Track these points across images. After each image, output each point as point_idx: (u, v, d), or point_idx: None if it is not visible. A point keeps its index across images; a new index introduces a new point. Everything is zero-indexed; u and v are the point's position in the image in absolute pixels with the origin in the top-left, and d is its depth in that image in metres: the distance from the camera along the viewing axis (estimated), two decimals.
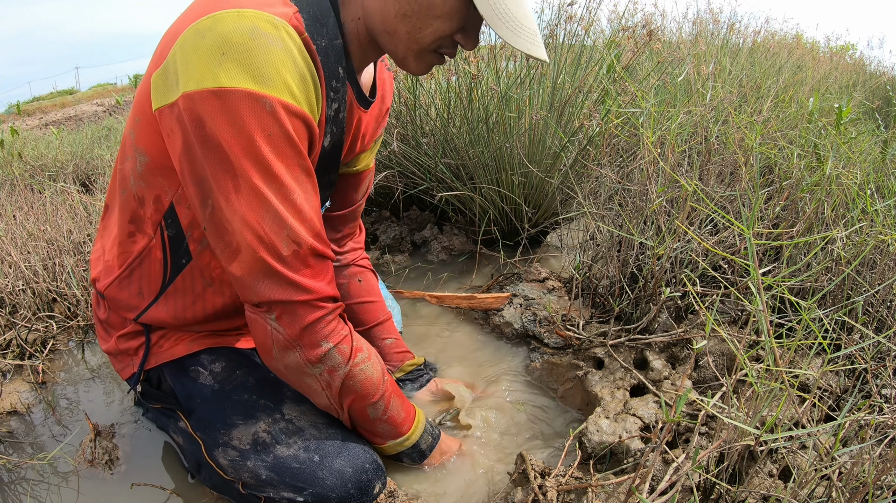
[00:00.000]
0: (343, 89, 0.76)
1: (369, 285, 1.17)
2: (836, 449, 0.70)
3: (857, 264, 1.09)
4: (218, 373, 0.89)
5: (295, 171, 0.68)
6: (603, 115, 1.54)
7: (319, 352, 0.74)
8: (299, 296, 0.71)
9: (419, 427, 0.92)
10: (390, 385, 0.86)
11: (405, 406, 0.90)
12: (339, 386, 0.78)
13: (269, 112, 0.63)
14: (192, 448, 0.88)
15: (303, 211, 0.70)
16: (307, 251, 0.70)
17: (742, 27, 3.16)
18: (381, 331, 1.17)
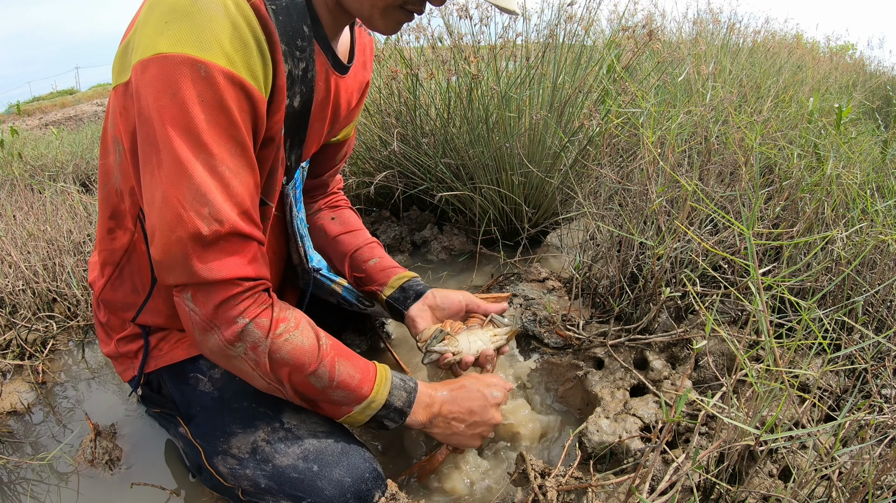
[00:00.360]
0: (310, 48, 0.73)
1: (344, 219, 1.13)
2: (836, 449, 0.70)
3: (857, 264, 1.09)
4: (217, 379, 0.88)
5: (226, 142, 0.64)
6: (603, 115, 1.54)
7: (236, 328, 0.68)
8: (213, 275, 0.66)
9: (384, 383, 0.82)
10: (332, 349, 0.77)
11: (360, 365, 0.80)
12: (266, 362, 0.71)
13: (204, 77, 0.60)
14: (192, 453, 0.88)
15: (230, 185, 0.65)
16: (229, 230, 0.65)
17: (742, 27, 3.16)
18: (363, 255, 1.08)
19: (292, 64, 0.71)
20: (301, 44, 0.71)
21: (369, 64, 0.97)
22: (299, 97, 0.75)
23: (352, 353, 0.82)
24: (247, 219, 0.68)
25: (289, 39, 0.69)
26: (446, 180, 1.74)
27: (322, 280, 1.10)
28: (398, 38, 2.00)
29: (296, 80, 0.73)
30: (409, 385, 0.85)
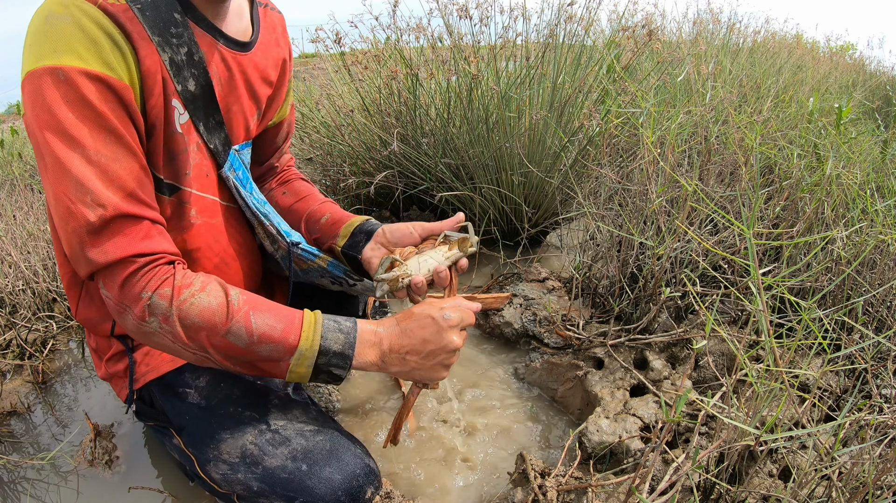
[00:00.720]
0: (187, 32, 0.77)
1: (295, 189, 1.12)
2: (836, 449, 0.70)
3: (857, 264, 1.09)
4: (202, 387, 0.89)
5: (97, 133, 0.67)
6: (603, 115, 1.54)
7: (142, 304, 0.69)
8: (108, 258, 0.68)
9: (313, 328, 0.76)
10: (246, 303, 0.74)
11: (282, 314, 0.75)
12: (180, 331, 0.71)
13: (63, 80, 0.65)
14: (187, 463, 0.88)
15: (108, 170, 0.68)
16: (113, 213, 0.67)
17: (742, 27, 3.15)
18: (315, 216, 1.07)
19: (171, 51, 0.75)
20: (175, 30, 0.75)
21: (283, 41, 0.98)
22: (193, 80, 0.78)
23: (273, 305, 0.76)
24: (132, 199, 0.70)
25: (161, 30, 0.73)
26: (446, 180, 1.74)
27: (304, 256, 1.07)
28: (398, 38, 2.00)
29: (182, 66, 0.76)
30: (346, 325, 0.78)
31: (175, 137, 0.78)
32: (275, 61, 0.95)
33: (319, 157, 2.18)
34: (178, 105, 0.77)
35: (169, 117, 0.76)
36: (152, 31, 0.72)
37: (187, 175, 0.81)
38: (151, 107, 0.73)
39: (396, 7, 1.85)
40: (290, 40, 1.02)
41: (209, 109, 0.83)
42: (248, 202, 0.94)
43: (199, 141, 0.82)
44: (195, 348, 0.73)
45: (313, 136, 2.23)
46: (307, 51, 2.35)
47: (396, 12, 1.87)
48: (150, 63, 0.71)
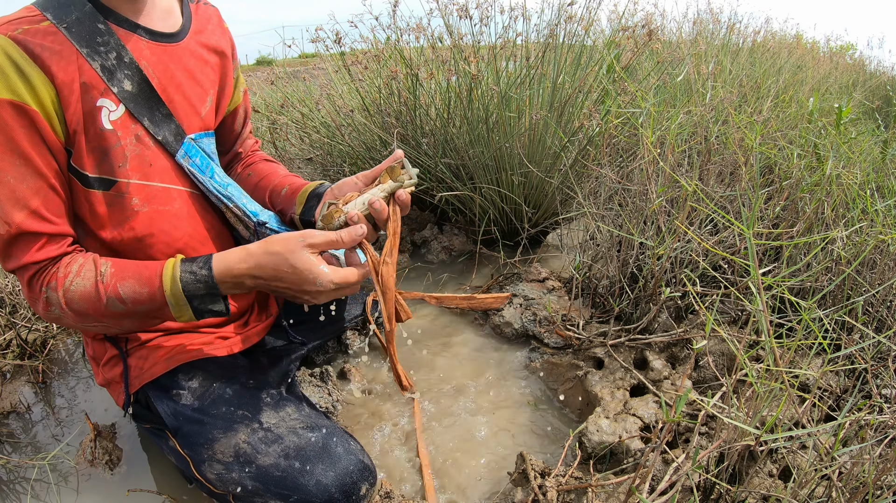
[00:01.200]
0: (112, 39, 0.82)
1: (258, 170, 1.15)
2: (836, 449, 0.70)
3: (857, 264, 1.09)
4: (195, 388, 0.90)
5: (9, 156, 0.75)
6: (603, 115, 1.54)
7: (42, 297, 0.80)
8: (12, 265, 0.79)
9: (171, 281, 0.80)
10: (113, 276, 0.80)
11: (144, 277, 0.80)
12: (71, 314, 0.80)
13: None
14: (183, 465, 0.89)
15: (15, 191, 0.76)
16: (16, 230, 0.77)
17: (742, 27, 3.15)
18: (277, 190, 1.09)
19: (101, 58, 0.81)
20: (101, 39, 0.81)
21: (220, 31, 1.02)
22: (128, 80, 0.84)
23: (136, 269, 0.81)
24: (34, 217, 0.78)
25: (87, 42, 0.80)
26: (446, 180, 1.74)
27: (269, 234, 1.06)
28: (398, 38, 2.00)
29: (114, 69, 0.82)
30: (200, 273, 0.82)
31: (104, 135, 0.82)
32: (213, 48, 0.99)
33: (319, 157, 2.18)
34: (109, 103, 0.82)
35: (94, 119, 0.81)
36: (80, 44, 0.79)
37: (122, 167, 0.85)
38: (71, 114, 0.79)
39: (396, 7, 1.85)
40: (229, 31, 1.07)
41: (152, 104, 0.87)
42: (209, 187, 0.95)
43: (143, 133, 0.86)
44: (92, 322, 0.82)
45: (313, 136, 2.23)
46: (307, 51, 2.35)
47: (396, 12, 1.87)
48: (63, 76, 0.77)
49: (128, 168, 0.85)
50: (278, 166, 1.18)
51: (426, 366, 1.31)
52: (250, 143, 1.21)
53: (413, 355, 1.35)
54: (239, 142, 1.17)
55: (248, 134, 1.20)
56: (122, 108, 0.83)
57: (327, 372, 1.22)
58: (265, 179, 1.13)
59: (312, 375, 1.22)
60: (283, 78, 2.77)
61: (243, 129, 1.17)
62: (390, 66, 1.91)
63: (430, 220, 2.02)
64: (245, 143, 1.19)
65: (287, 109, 2.39)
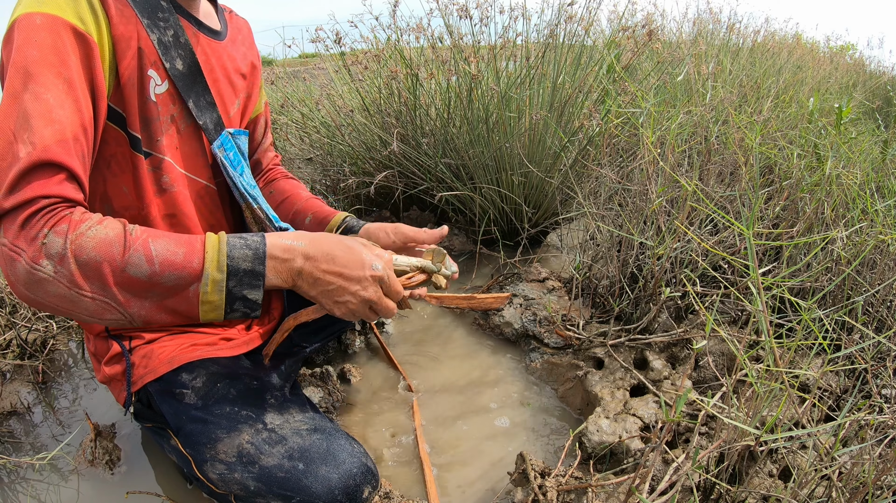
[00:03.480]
0: (171, 18, 0.83)
1: (280, 189, 1.14)
2: (836, 449, 0.70)
3: (857, 264, 1.09)
4: (199, 388, 0.89)
5: (54, 77, 0.69)
6: (603, 115, 1.54)
7: (37, 244, 0.64)
8: (18, 199, 0.64)
9: (217, 247, 0.71)
10: (145, 232, 0.69)
11: (183, 240, 0.70)
12: (75, 269, 0.64)
13: (39, 24, 0.69)
14: (184, 464, 0.88)
15: (52, 110, 0.68)
16: (41, 153, 0.65)
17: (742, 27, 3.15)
18: (300, 216, 1.07)
19: (160, 32, 0.81)
20: (162, 14, 0.82)
21: (248, 43, 1.05)
22: (180, 60, 0.84)
23: (174, 234, 0.71)
24: (63, 145, 0.68)
25: (150, 14, 0.80)
26: (446, 180, 1.74)
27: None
28: (398, 38, 2.00)
29: (169, 46, 0.83)
30: (253, 240, 0.73)
31: (148, 105, 0.82)
32: (244, 57, 1.01)
33: (319, 157, 2.18)
34: (156, 76, 0.81)
35: (143, 84, 0.80)
36: (142, 13, 0.79)
37: (159, 142, 0.84)
38: (125, 67, 0.77)
39: (396, 7, 1.85)
40: (253, 39, 1.09)
41: (199, 88, 0.88)
42: (237, 182, 0.96)
43: (181, 114, 0.86)
44: (95, 290, 0.66)
45: (313, 136, 2.23)
46: (307, 51, 2.35)
47: (396, 12, 1.87)
48: (123, 29, 0.76)
49: (163, 144, 0.85)
50: (299, 186, 1.17)
51: (426, 365, 1.31)
52: (271, 155, 1.21)
53: (413, 355, 1.35)
54: (259, 151, 1.18)
55: (269, 146, 1.20)
56: (166, 85, 0.84)
57: (327, 372, 1.22)
58: (287, 201, 1.12)
59: (313, 375, 1.22)
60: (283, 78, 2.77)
61: (264, 139, 1.18)
62: (390, 66, 1.91)
63: (430, 220, 2.02)
64: (266, 155, 1.20)
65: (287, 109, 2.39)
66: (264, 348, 0.97)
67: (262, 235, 0.74)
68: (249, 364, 1.00)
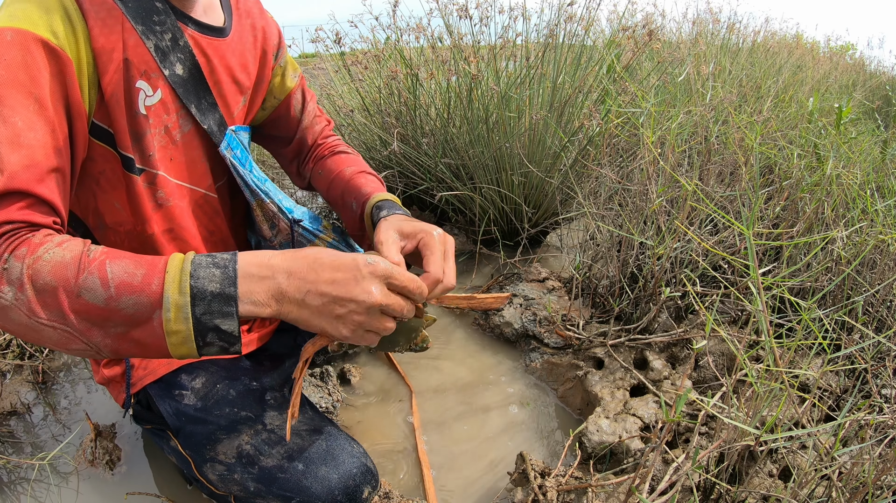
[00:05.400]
0: (168, 20, 0.78)
1: (326, 171, 1.04)
2: (836, 449, 0.70)
3: (857, 264, 1.09)
4: (198, 389, 0.89)
5: (23, 97, 0.64)
6: (603, 115, 1.54)
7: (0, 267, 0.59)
8: None
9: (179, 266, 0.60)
10: (104, 253, 0.61)
11: (144, 261, 0.61)
12: (32, 296, 0.58)
13: (10, 41, 0.65)
14: (184, 465, 0.88)
15: (20, 136, 0.63)
16: (7, 181, 0.61)
17: (742, 27, 3.15)
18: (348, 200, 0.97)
19: (156, 38, 0.77)
20: (158, 18, 0.77)
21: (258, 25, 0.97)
22: (180, 64, 0.80)
23: (138, 256, 0.62)
24: (32, 173, 0.63)
25: (143, 19, 0.75)
26: (446, 180, 1.74)
27: (306, 235, 1.03)
28: (398, 38, 2.00)
29: (167, 51, 0.78)
30: (222, 258, 0.62)
31: (138, 119, 0.77)
32: (253, 45, 0.95)
33: None
34: (146, 86, 0.76)
35: (131, 98, 0.75)
36: (135, 19, 0.74)
37: (152, 156, 0.80)
38: (108, 82, 0.73)
39: (396, 7, 1.85)
40: (270, 20, 1.00)
41: (199, 91, 0.84)
42: (248, 180, 0.93)
43: (176, 123, 0.82)
44: (52, 318, 0.59)
45: None
46: (307, 51, 2.35)
47: (396, 12, 1.87)
48: (104, 41, 0.71)
49: (156, 159, 0.81)
50: (345, 161, 1.04)
51: (426, 365, 1.31)
52: (318, 128, 1.11)
53: (413, 355, 1.35)
54: (301, 129, 1.08)
55: (314, 119, 1.10)
56: (159, 94, 0.79)
57: (327, 372, 1.22)
58: (332, 184, 1.01)
59: (312, 375, 1.22)
60: None
61: (303, 115, 1.07)
62: (390, 66, 1.91)
63: (429, 220, 2.03)
64: (311, 131, 1.09)
65: None
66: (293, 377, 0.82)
67: (234, 253, 0.63)
68: (249, 364, 1.00)
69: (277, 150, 1.12)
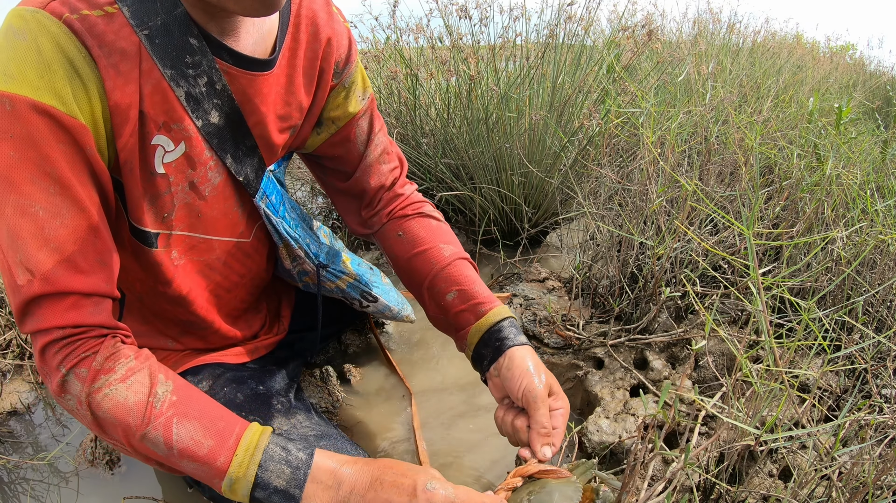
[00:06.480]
0: (205, 61, 0.65)
1: (412, 234, 0.89)
2: (836, 449, 0.70)
3: (857, 264, 1.09)
4: (205, 392, 0.87)
5: (40, 178, 0.56)
6: (603, 115, 1.54)
7: (57, 378, 0.60)
8: (28, 328, 0.60)
9: (251, 453, 0.60)
10: (173, 406, 0.61)
11: (216, 428, 0.61)
12: (92, 421, 0.61)
13: (10, 111, 0.55)
14: None
15: (44, 229, 0.57)
16: (40, 286, 0.57)
17: (742, 27, 3.15)
18: (441, 285, 0.85)
19: (188, 84, 0.64)
20: (192, 59, 0.64)
21: (323, 35, 0.78)
22: (216, 111, 0.68)
23: (210, 408, 0.63)
24: (68, 267, 0.59)
25: (174, 61, 0.63)
26: (446, 180, 1.74)
27: (328, 278, 1.00)
28: (398, 38, 2.00)
29: (201, 99, 0.66)
30: (297, 457, 0.62)
31: (155, 180, 0.67)
32: (309, 65, 0.79)
33: None
34: (166, 141, 0.66)
35: (146, 159, 0.65)
36: (163, 61, 0.62)
37: (168, 217, 0.71)
38: (123, 145, 0.63)
39: (396, 7, 1.85)
40: (337, 24, 0.81)
41: (238, 137, 0.72)
42: (280, 228, 0.85)
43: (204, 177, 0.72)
44: (114, 439, 0.63)
45: None
46: None
47: (396, 12, 1.88)
48: (120, 95, 0.60)
49: (173, 218, 0.72)
50: (439, 232, 0.90)
51: (426, 365, 1.31)
52: (387, 168, 0.92)
53: (412, 355, 1.35)
54: (364, 165, 0.90)
55: (381, 156, 0.91)
56: (182, 148, 0.67)
57: (327, 372, 1.22)
58: (423, 258, 0.87)
59: (312, 376, 1.22)
60: None
61: (367, 151, 0.89)
62: (390, 67, 1.91)
63: None
64: (377, 172, 0.91)
65: None
66: None
67: (312, 451, 0.63)
68: (255, 367, 0.99)
69: (332, 185, 0.96)
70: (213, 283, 0.84)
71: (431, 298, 0.88)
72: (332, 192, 0.98)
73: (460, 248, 0.90)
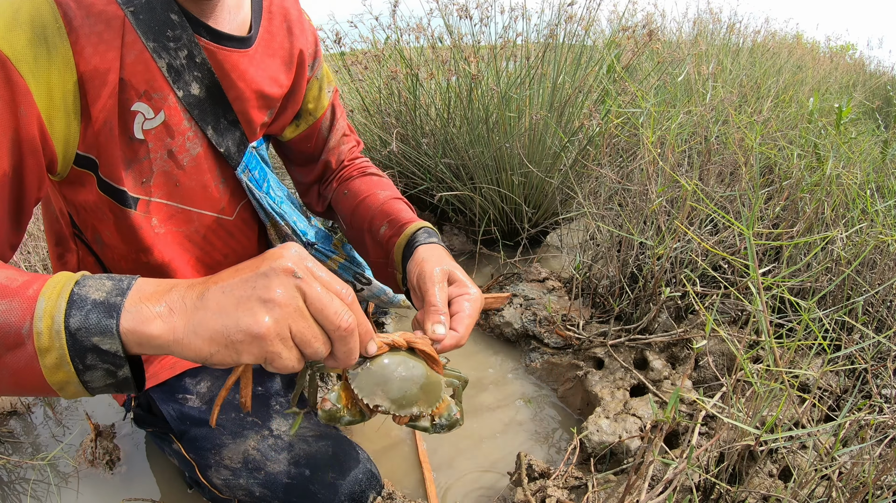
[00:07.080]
0: (185, 35, 0.70)
1: (355, 189, 0.95)
2: (836, 449, 0.70)
3: (857, 264, 1.09)
4: (203, 393, 0.88)
5: None
6: (603, 115, 1.54)
7: None
8: None
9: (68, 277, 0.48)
10: None
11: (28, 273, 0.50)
12: None
13: None
14: (187, 469, 0.88)
15: None
16: None
17: (742, 27, 3.15)
18: (377, 223, 0.88)
19: (169, 56, 0.69)
20: (173, 32, 0.68)
21: (298, 29, 0.86)
22: (197, 83, 0.73)
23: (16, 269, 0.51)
24: None
25: (157, 34, 0.67)
26: (446, 180, 1.74)
27: (317, 257, 1.00)
28: (398, 38, 2.00)
29: (182, 70, 0.71)
30: (110, 278, 0.49)
31: (133, 145, 0.70)
32: (286, 55, 0.85)
33: None
34: (146, 109, 0.68)
35: (126, 124, 0.68)
36: (146, 34, 0.66)
37: (146, 183, 0.73)
38: (100, 109, 0.64)
39: (396, 7, 1.85)
40: (308, 27, 0.89)
41: (219, 110, 0.77)
42: (264, 203, 0.88)
43: (182, 146, 0.74)
44: None
45: None
46: None
47: (396, 12, 1.88)
48: (98, 62, 0.62)
49: (152, 184, 0.74)
50: (378, 184, 0.96)
51: None
52: (345, 148, 1.02)
53: None
54: (327, 150, 1.00)
55: (342, 138, 1.01)
56: (161, 117, 0.70)
57: (327, 372, 1.22)
58: (362, 205, 0.92)
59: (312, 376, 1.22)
60: None
61: (330, 135, 0.99)
62: (390, 66, 1.91)
63: (429, 220, 2.03)
64: (337, 151, 1.01)
65: None
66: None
67: (129, 280, 0.49)
68: (253, 367, 0.99)
69: (297, 170, 1.04)
70: (193, 258, 0.85)
71: (372, 239, 0.89)
72: (300, 178, 1.05)
73: (397, 192, 0.95)
